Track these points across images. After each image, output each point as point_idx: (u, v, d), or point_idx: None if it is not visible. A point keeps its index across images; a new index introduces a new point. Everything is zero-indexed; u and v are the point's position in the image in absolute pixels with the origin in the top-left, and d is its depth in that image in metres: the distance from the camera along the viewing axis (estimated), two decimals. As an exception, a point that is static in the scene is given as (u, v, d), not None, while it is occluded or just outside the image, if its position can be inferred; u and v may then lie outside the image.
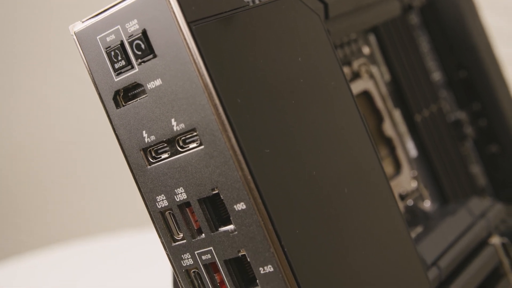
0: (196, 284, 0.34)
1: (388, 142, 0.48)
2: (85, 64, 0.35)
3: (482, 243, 0.45)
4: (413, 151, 0.50)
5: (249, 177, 0.31)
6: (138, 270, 0.84)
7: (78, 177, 1.60)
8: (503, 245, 0.45)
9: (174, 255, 0.34)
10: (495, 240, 0.45)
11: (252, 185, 0.31)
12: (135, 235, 1.02)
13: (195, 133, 0.32)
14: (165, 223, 0.34)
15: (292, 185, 0.32)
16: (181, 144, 0.33)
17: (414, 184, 0.48)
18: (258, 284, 0.32)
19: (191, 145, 0.32)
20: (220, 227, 0.33)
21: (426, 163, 0.50)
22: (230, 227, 0.32)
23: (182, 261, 0.34)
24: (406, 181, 0.47)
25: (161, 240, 0.35)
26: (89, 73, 0.35)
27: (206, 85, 0.31)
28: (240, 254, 0.32)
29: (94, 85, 0.35)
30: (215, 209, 0.33)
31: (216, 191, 0.32)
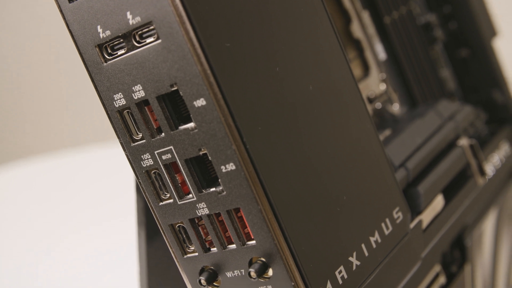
0: (157, 185, 0.33)
1: (357, 44, 0.47)
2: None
3: (451, 145, 0.44)
4: (382, 54, 0.49)
5: (209, 71, 0.29)
6: (104, 182, 0.83)
7: (45, 95, 1.58)
8: (471, 146, 0.44)
9: (133, 156, 0.33)
10: (464, 141, 0.44)
11: (212, 79, 0.29)
12: (100, 150, 1.01)
13: (151, 27, 0.30)
14: (123, 122, 0.33)
15: (253, 79, 0.31)
16: (137, 39, 0.31)
17: (382, 87, 0.47)
18: (220, 183, 0.31)
19: (148, 40, 0.31)
20: (179, 125, 0.31)
21: (395, 66, 0.49)
22: (190, 124, 0.31)
23: (142, 162, 0.33)
24: (375, 84, 0.46)
25: (120, 141, 0.33)
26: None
27: (161, -26, 0.29)
28: (201, 152, 0.31)
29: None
30: (175, 107, 0.32)
31: (175, 88, 0.30)
